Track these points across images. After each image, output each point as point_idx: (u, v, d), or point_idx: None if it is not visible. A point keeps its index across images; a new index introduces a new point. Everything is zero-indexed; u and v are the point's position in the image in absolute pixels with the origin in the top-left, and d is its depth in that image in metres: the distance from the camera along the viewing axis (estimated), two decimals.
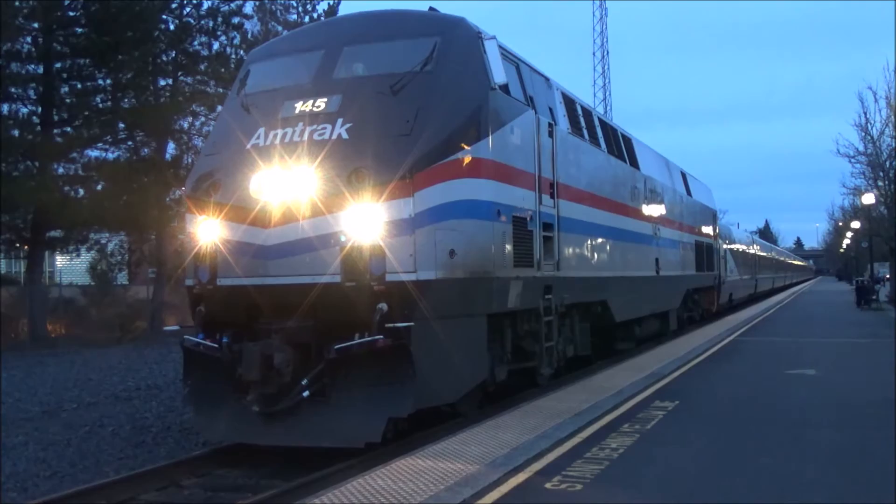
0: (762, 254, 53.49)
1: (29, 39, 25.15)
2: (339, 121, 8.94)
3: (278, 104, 9.50)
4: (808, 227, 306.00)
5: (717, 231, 29.03)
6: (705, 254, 24.96)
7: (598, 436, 8.07)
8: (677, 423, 8.86)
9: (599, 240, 13.82)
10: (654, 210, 18.24)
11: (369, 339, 8.21)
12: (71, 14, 25.83)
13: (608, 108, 72.82)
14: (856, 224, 53.99)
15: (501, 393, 11.33)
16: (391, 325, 8.18)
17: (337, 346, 8.28)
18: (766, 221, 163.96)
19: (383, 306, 8.28)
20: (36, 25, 24.87)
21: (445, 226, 8.72)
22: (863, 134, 35.02)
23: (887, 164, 34.70)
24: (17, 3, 23.70)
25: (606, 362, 15.61)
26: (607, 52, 74.91)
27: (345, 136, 8.82)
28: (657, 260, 18.24)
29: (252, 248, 8.76)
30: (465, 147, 9.11)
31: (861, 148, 35.33)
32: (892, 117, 32.64)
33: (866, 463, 7.09)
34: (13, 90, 24.93)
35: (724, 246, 31.97)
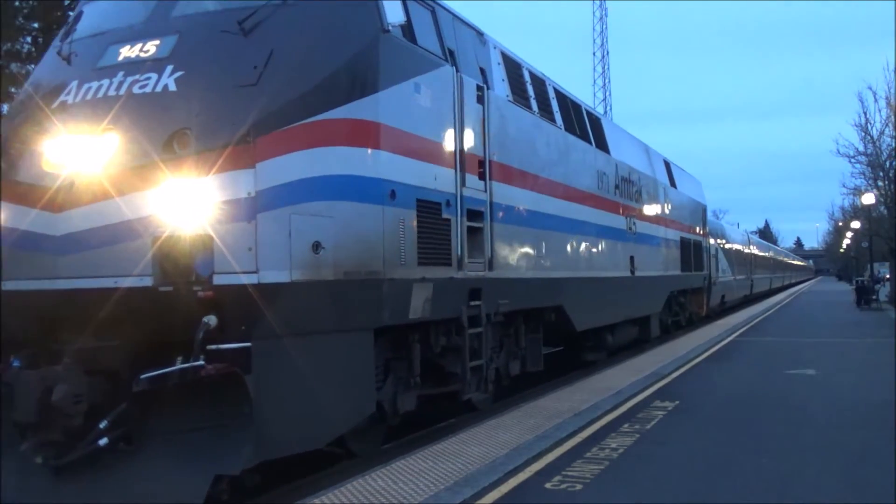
0: (759, 253, 51.22)
1: (29, 39, 23.86)
2: (169, 68, 6.64)
3: (101, 51, 7.20)
4: (808, 228, 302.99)
5: (707, 228, 26.69)
6: (693, 252, 22.61)
7: (597, 436, 8.00)
8: (677, 423, 8.75)
9: (552, 233, 11.46)
10: (628, 201, 15.91)
11: (188, 365, 5.91)
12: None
13: (608, 107, 71.01)
14: (856, 224, 53.64)
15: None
16: (215, 346, 5.88)
17: (144, 376, 5.97)
18: (766, 221, 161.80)
19: (210, 320, 5.98)
20: (36, 25, 23.56)
21: (307, 209, 6.42)
22: (863, 134, 34.18)
23: (887, 164, 33.87)
24: (17, 3, 22.32)
25: (606, 363, 14.80)
26: (607, 52, 72.99)
27: (172, 87, 6.53)
28: (632, 258, 15.88)
29: (40, 240, 6.45)
30: (341, 104, 6.79)
31: (861, 148, 34.54)
32: (892, 117, 32.15)
33: (866, 463, 6.98)
34: (13, 90, 23.41)
35: (716, 244, 29.65)
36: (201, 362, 5.87)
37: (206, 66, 6.62)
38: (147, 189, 6.14)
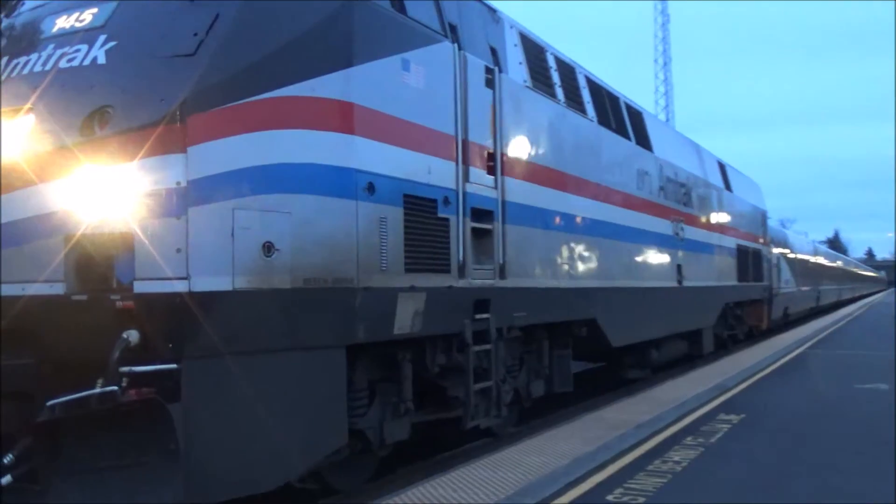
0: (827, 263, 48.75)
1: None
2: (101, 38, 5.69)
3: (39, 23, 6.30)
4: (880, 237, 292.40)
5: (768, 236, 24.97)
6: (751, 261, 21.00)
7: (660, 448, 7.84)
8: (743, 437, 8.50)
9: (581, 237, 10.19)
10: (675, 204, 14.53)
11: (98, 390, 4.89)
12: None
13: (670, 115, 68.98)
14: None
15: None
16: (128, 368, 4.85)
17: (51, 403, 4.97)
18: (836, 231, 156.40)
19: (130, 335, 4.96)
20: None
21: (256, 203, 5.35)
22: None
23: None
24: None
25: (664, 375, 14.30)
26: (669, 59, 70.82)
27: (102, 59, 5.56)
28: (679, 267, 14.48)
29: None
30: (302, 79, 5.72)
31: None
32: None
33: None
34: None
35: (779, 253, 27.84)
36: (115, 387, 4.86)
37: (143, 35, 5.64)
38: (61, 178, 5.17)
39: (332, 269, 5.85)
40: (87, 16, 5.95)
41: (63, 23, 6.05)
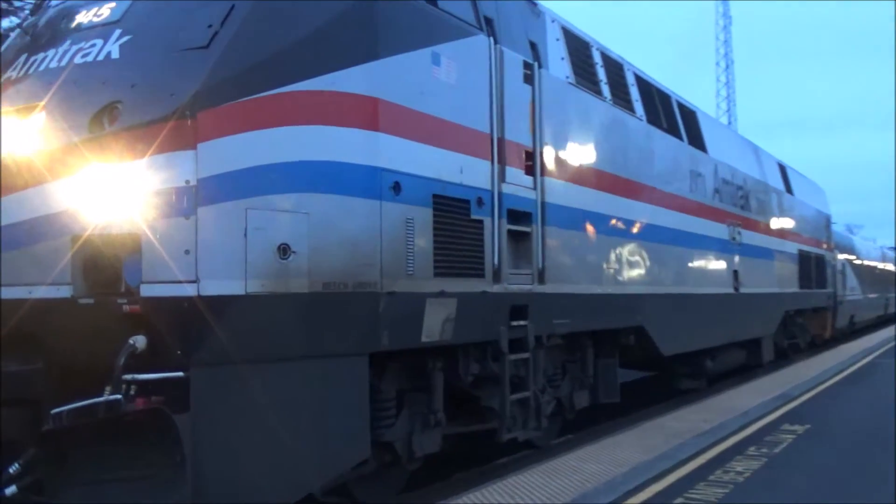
0: None
1: None
2: (116, 33, 5.51)
3: (58, 19, 6.16)
4: None
5: (832, 241, 23.98)
6: (814, 267, 20.14)
7: (722, 458, 7.70)
8: (808, 448, 8.29)
9: (627, 241, 9.72)
10: (731, 207, 13.91)
11: (106, 398, 4.68)
12: None
13: (732, 118, 67.25)
14: None
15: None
16: (131, 376, 4.62)
17: (55, 411, 4.78)
18: None
19: (137, 341, 4.74)
20: None
21: (271, 203, 5.08)
22: None
23: None
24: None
25: (722, 384, 13.89)
26: (731, 62, 69.01)
27: (115, 54, 5.38)
28: (736, 273, 13.86)
29: None
30: (322, 73, 5.45)
31: None
32: None
33: None
34: None
35: (844, 259, 26.77)
36: (117, 396, 4.63)
37: (157, 28, 5.43)
38: (68, 176, 4.98)
39: (354, 273, 5.55)
40: (105, 10, 5.80)
41: (81, 18, 5.90)
